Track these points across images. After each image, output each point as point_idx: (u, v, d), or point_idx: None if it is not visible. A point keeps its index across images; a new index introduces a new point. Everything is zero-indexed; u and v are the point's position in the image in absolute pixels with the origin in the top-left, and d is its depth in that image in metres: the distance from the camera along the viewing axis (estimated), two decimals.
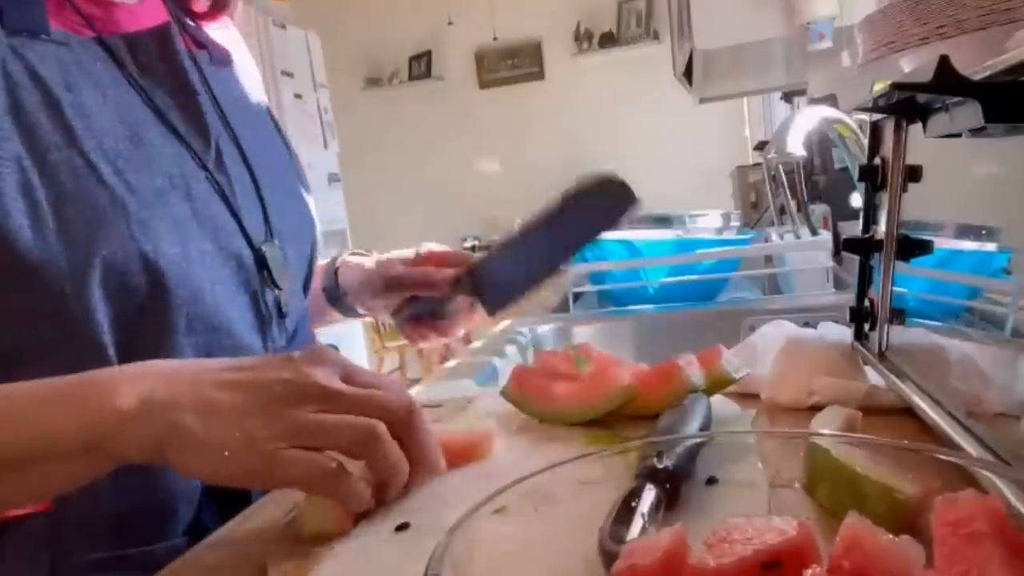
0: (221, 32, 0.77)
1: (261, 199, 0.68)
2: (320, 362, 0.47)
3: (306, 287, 0.78)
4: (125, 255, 0.55)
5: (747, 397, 0.68)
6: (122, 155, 0.57)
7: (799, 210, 1.53)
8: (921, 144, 0.57)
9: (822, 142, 1.81)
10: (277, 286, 0.68)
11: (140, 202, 0.56)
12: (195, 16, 0.74)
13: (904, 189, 0.59)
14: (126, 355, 0.56)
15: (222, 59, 0.74)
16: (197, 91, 0.65)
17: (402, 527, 0.46)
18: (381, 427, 0.45)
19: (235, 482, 0.45)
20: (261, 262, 0.66)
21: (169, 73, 0.64)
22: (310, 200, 0.80)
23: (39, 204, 0.52)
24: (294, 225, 0.74)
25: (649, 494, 0.38)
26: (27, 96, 0.53)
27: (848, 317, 0.67)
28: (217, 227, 0.62)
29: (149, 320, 0.57)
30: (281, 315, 0.69)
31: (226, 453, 0.43)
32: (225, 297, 0.62)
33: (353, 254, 0.88)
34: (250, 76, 0.79)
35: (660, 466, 0.39)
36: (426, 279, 0.77)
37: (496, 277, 0.72)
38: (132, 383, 0.46)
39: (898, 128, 0.59)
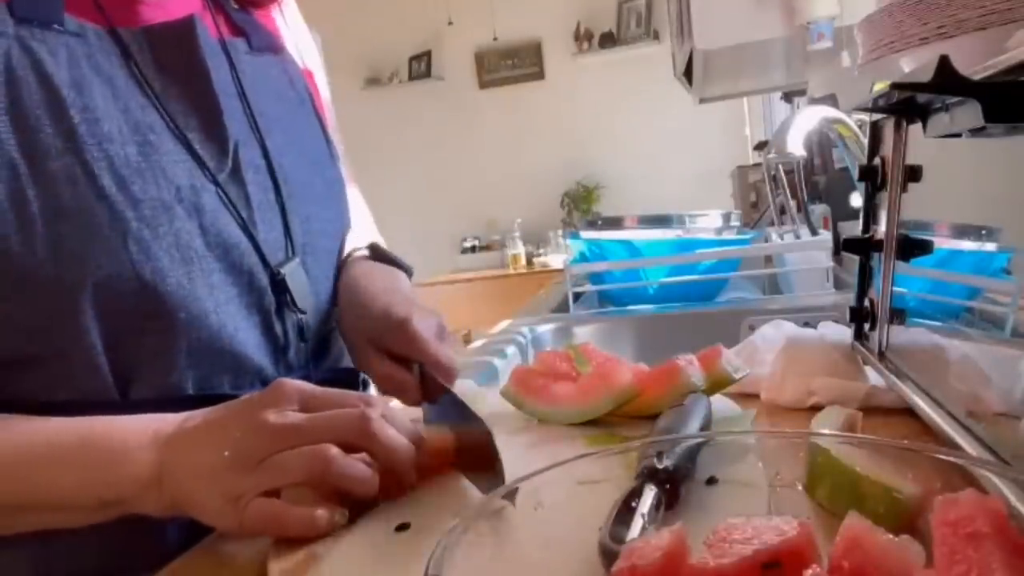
0: (273, 16, 0.72)
1: (283, 212, 0.63)
2: (274, 401, 0.48)
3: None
4: (120, 277, 0.52)
5: (747, 397, 0.68)
6: (128, 163, 0.53)
7: (799, 210, 1.53)
8: (921, 144, 0.57)
9: (822, 142, 1.81)
10: (299, 309, 0.63)
11: (141, 218, 0.53)
12: (244, 1, 0.70)
13: (904, 189, 0.59)
14: (122, 377, 0.54)
15: (264, 46, 0.68)
16: (218, 92, 0.60)
17: (402, 527, 0.46)
18: (332, 451, 0.46)
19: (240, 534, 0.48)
20: (280, 283, 0.61)
21: (189, 72, 0.59)
22: (353, 194, 0.76)
23: (31, 216, 0.49)
24: (323, 236, 0.69)
25: (649, 494, 0.38)
26: (30, 95, 0.50)
27: (848, 317, 0.67)
28: (227, 244, 0.58)
29: (147, 342, 0.54)
30: (302, 338, 0.64)
31: (219, 515, 0.46)
32: (232, 320, 0.58)
33: (373, 253, 0.76)
34: (296, 63, 0.73)
35: (660, 466, 0.39)
36: (401, 388, 0.64)
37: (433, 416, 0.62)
38: (139, 449, 0.48)
39: (898, 128, 0.59)
